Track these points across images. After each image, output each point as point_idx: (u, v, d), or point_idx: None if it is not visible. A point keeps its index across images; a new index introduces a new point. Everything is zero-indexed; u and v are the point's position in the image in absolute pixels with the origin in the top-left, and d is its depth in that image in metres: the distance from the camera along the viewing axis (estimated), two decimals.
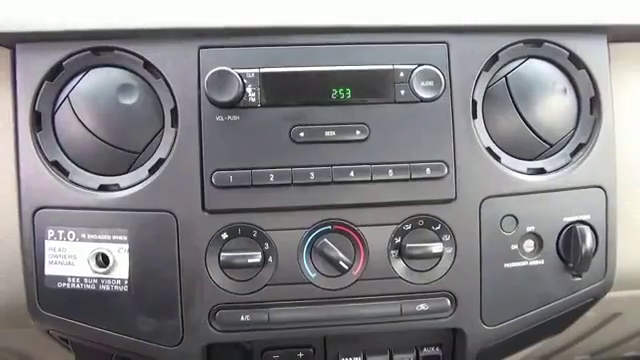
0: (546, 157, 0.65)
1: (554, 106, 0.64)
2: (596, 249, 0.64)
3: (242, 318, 0.60)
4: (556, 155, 0.65)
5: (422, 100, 0.60)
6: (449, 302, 0.63)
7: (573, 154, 0.65)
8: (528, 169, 0.64)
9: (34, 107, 0.59)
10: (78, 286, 0.60)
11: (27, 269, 0.60)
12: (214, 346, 0.63)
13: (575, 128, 0.65)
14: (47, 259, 0.60)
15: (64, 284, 0.60)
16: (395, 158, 0.60)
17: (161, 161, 0.60)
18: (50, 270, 0.60)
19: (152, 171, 0.60)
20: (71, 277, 0.60)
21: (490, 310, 0.63)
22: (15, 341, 0.74)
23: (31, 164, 0.60)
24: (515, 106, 0.63)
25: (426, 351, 0.66)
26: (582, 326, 0.85)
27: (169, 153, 0.59)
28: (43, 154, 0.60)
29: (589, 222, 0.64)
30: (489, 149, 0.63)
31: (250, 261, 0.59)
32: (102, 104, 0.59)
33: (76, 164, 0.60)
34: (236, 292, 0.60)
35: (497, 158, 0.63)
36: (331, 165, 0.59)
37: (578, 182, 0.64)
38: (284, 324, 0.61)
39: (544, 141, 0.63)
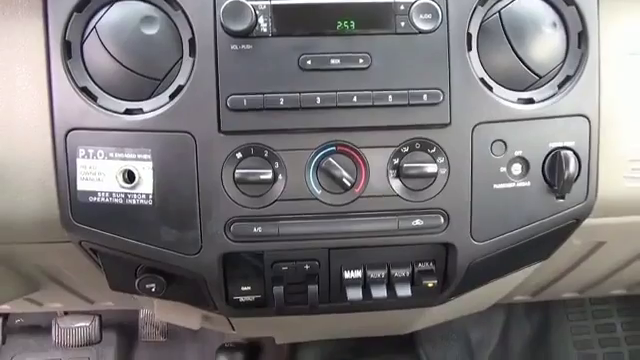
0: (535, 88, 0.70)
1: (544, 40, 0.68)
2: (579, 173, 0.70)
3: (254, 230, 0.67)
4: (545, 86, 0.70)
5: (421, 32, 0.65)
6: (442, 219, 0.69)
7: (560, 85, 0.70)
8: (518, 99, 0.69)
9: (64, 37, 0.65)
10: (107, 200, 0.67)
11: (61, 185, 0.67)
12: (230, 257, 0.70)
13: (563, 61, 0.70)
14: (79, 176, 0.66)
15: (95, 198, 0.67)
16: (395, 85, 0.65)
17: (180, 87, 0.65)
18: (82, 186, 0.67)
19: (172, 96, 0.65)
20: (101, 192, 0.67)
21: (479, 227, 0.70)
22: (46, 259, 0.81)
23: (62, 90, 0.65)
24: (508, 39, 0.67)
25: (421, 266, 0.73)
26: (569, 256, 0.92)
27: (187, 80, 0.65)
28: (73, 80, 0.65)
29: (573, 148, 0.69)
30: (482, 79, 0.68)
31: (262, 178, 0.65)
32: (126, 34, 0.64)
33: (103, 90, 0.66)
34: (249, 206, 0.67)
35: (489, 88, 0.68)
36: (336, 91, 0.65)
37: (564, 111, 0.69)
38: (292, 236, 0.68)
39: (534, 73, 0.68)
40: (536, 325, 1.55)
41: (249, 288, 0.73)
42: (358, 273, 0.72)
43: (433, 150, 0.67)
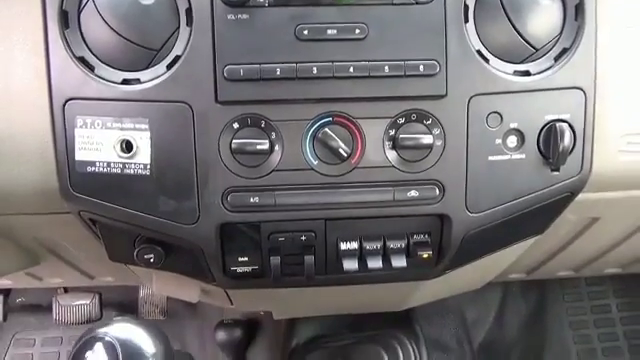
0: (532, 60, 0.70)
1: (541, 12, 0.68)
2: (573, 146, 0.70)
3: (251, 200, 0.68)
4: (541, 59, 0.70)
5: (417, 2, 0.65)
6: (437, 190, 0.69)
7: (557, 58, 0.70)
8: (514, 71, 0.69)
9: (61, 6, 0.65)
10: (105, 170, 0.67)
11: (59, 155, 0.67)
12: (227, 228, 0.70)
13: (560, 33, 0.70)
14: (77, 146, 0.67)
15: (93, 168, 0.67)
16: (391, 56, 0.66)
17: (177, 57, 0.65)
18: (80, 156, 0.67)
19: (169, 67, 0.66)
20: (99, 162, 0.67)
21: (474, 199, 0.70)
22: (45, 230, 0.81)
23: (60, 59, 0.66)
24: (505, 11, 0.67)
25: (416, 237, 0.73)
26: (564, 232, 0.93)
27: (184, 50, 0.65)
28: (71, 50, 0.66)
29: (568, 120, 0.70)
30: (479, 51, 0.68)
31: (259, 148, 0.66)
32: (123, 4, 0.64)
33: (100, 60, 0.66)
34: (246, 176, 0.67)
35: (486, 60, 0.68)
36: (332, 61, 0.65)
37: (560, 83, 0.69)
38: (289, 206, 0.68)
39: (531, 45, 0.68)
40: (532, 305, 1.56)
41: (246, 259, 0.73)
42: (354, 244, 0.73)
43: (429, 121, 0.68)
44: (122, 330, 0.44)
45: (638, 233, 0.95)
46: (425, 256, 0.72)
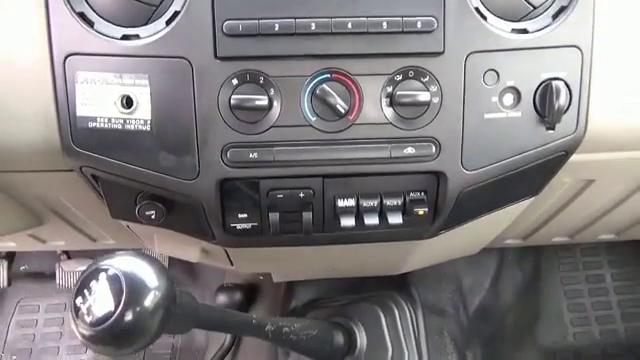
0: (529, 18, 0.70)
1: None
2: (569, 105, 0.71)
3: (250, 156, 0.69)
4: (539, 17, 0.70)
5: None
6: (433, 148, 0.70)
7: (555, 16, 0.70)
8: (512, 29, 0.70)
9: None
10: (106, 126, 0.68)
11: (61, 111, 0.68)
12: (226, 185, 0.72)
13: None
14: (78, 102, 0.68)
15: (94, 124, 0.68)
16: (389, 12, 0.66)
17: (177, 13, 0.66)
18: (81, 111, 0.68)
19: (168, 22, 0.66)
20: (100, 117, 0.68)
21: (470, 156, 0.71)
22: (48, 189, 0.83)
23: (60, 15, 0.66)
24: None
25: (412, 195, 0.75)
26: (559, 195, 0.94)
27: (183, 5, 0.65)
28: (70, 5, 0.66)
29: (564, 79, 0.70)
30: (477, 9, 0.68)
31: (257, 104, 0.67)
32: None
33: (100, 16, 0.67)
34: (245, 132, 0.68)
35: (484, 17, 0.69)
36: (331, 17, 0.65)
37: (557, 42, 0.70)
38: (287, 162, 0.70)
39: (528, 3, 0.69)
40: (527, 274, 1.59)
41: (246, 216, 0.75)
42: (351, 202, 0.74)
43: (426, 79, 0.68)
44: (126, 263, 0.45)
45: (632, 197, 0.97)
46: (421, 213, 0.74)
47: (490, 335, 1.43)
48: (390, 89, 0.68)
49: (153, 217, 0.74)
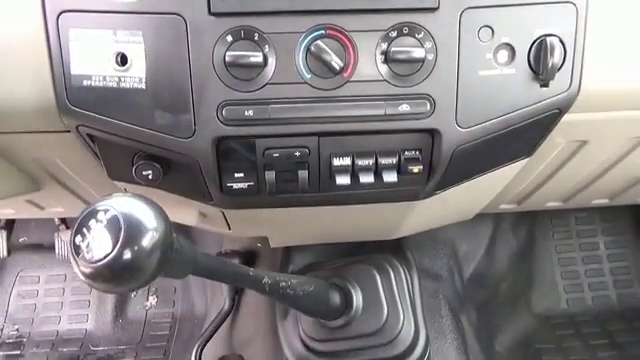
0: None
1: None
2: (563, 62, 0.71)
3: (246, 113, 0.69)
4: None
5: None
6: (428, 105, 0.71)
7: None
8: None
9: None
10: (101, 84, 0.68)
11: (55, 69, 0.68)
12: (223, 144, 0.72)
13: None
14: (72, 59, 0.68)
15: (89, 82, 0.68)
16: None
17: None
18: (76, 69, 0.68)
19: None
20: (95, 75, 0.68)
21: (464, 113, 0.72)
22: (44, 151, 0.83)
23: None
24: None
25: (407, 154, 0.75)
26: (553, 157, 0.94)
27: None
28: None
29: (559, 35, 0.70)
30: None
31: (252, 60, 0.66)
32: None
33: None
34: (240, 90, 0.68)
35: None
36: None
37: None
38: (282, 120, 0.70)
39: None
40: (522, 241, 1.61)
41: (242, 175, 0.75)
42: (347, 160, 0.75)
43: (421, 35, 0.68)
44: (125, 203, 0.46)
45: (626, 159, 0.97)
46: (415, 171, 0.75)
47: (484, 300, 1.46)
48: (385, 46, 0.68)
49: (150, 177, 0.75)
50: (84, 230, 0.45)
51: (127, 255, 0.44)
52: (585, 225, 1.74)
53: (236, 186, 0.76)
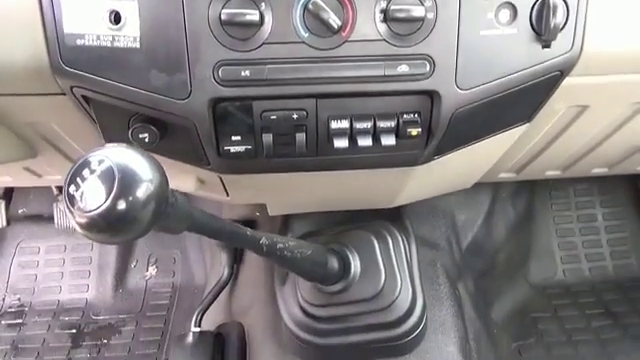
0: None
1: None
2: (566, 22, 0.70)
3: (242, 74, 0.68)
4: None
5: None
6: (428, 66, 0.70)
7: None
8: None
9: None
10: (95, 43, 0.67)
11: (48, 29, 0.67)
12: (219, 107, 0.71)
13: None
14: (65, 18, 0.66)
15: (82, 41, 0.67)
16: None
17: None
18: (69, 28, 0.67)
19: None
20: (88, 34, 0.67)
21: (464, 75, 0.71)
22: (39, 115, 0.82)
23: None
24: None
25: (406, 117, 0.74)
26: (552, 123, 0.94)
27: None
28: None
29: None
30: None
31: (248, 18, 0.65)
32: None
33: None
34: (237, 49, 0.67)
35: None
36: None
37: None
38: (279, 81, 0.69)
39: None
40: (520, 212, 1.61)
41: (239, 138, 0.75)
42: (345, 123, 0.74)
43: None
44: (119, 153, 0.46)
45: (626, 125, 0.97)
46: (414, 134, 0.74)
47: (482, 270, 1.47)
48: (384, 4, 0.67)
49: (147, 140, 0.74)
50: (78, 180, 0.44)
51: (121, 206, 0.44)
52: (584, 197, 1.74)
53: (233, 149, 0.76)
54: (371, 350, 1.05)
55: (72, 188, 0.44)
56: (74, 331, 1.59)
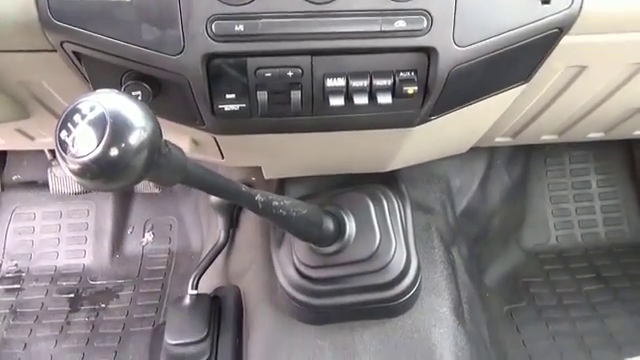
0: None
1: None
2: None
3: (236, 28, 0.67)
4: None
5: None
6: (425, 21, 0.68)
7: None
8: None
9: None
10: None
11: None
12: (213, 65, 0.70)
13: None
14: None
15: None
16: None
17: None
18: None
19: None
20: None
21: (462, 31, 0.70)
22: (30, 72, 0.80)
23: None
24: None
25: (402, 75, 0.74)
26: (550, 84, 0.93)
27: None
28: None
29: None
30: None
31: None
32: None
33: None
34: (230, 3, 0.66)
35: None
36: None
37: None
38: (274, 36, 0.68)
39: None
40: (515, 178, 1.62)
41: (233, 96, 0.74)
42: (341, 82, 0.73)
43: None
44: (111, 99, 0.45)
45: (624, 87, 0.96)
46: (410, 92, 0.73)
47: (475, 235, 1.48)
48: None
49: (140, 98, 0.73)
50: (69, 125, 0.44)
51: (114, 152, 0.44)
52: (579, 164, 1.75)
53: (228, 108, 0.75)
54: (366, 311, 1.06)
55: (63, 133, 0.44)
56: (72, 296, 1.60)
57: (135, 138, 0.45)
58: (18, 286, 1.63)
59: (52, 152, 1.67)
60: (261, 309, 1.16)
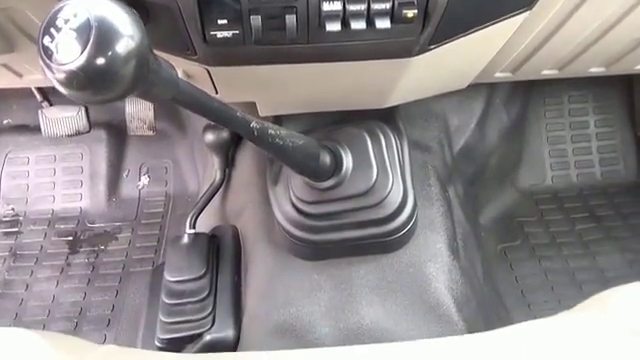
0: None
1: None
2: None
3: None
4: None
5: None
6: None
7: None
8: None
9: None
10: None
11: None
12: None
13: None
14: None
15: None
16: None
17: None
18: None
19: None
20: None
21: None
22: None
23: None
24: None
25: None
26: (551, 15, 0.90)
27: None
28: None
29: None
30: None
31: None
32: None
33: None
34: None
35: None
36: None
37: None
38: None
39: None
40: (513, 118, 1.61)
41: (226, 22, 0.71)
42: (337, 5, 0.70)
43: None
44: (97, 3, 0.43)
45: (627, 17, 0.93)
46: (410, 15, 0.70)
47: (472, 174, 1.48)
48: None
49: None
50: (52, 30, 0.42)
51: (101, 60, 0.42)
52: (578, 104, 1.73)
53: (220, 35, 0.72)
54: (363, 246, 1.07)
55: (47, 39, 0.42)
56: (71, 238, 1.61)
57: (122, 46, 0.43)
58: (16, 229, 1.64)
59: (42, 93, 1.64)
60: (259, 246, 1.17)
